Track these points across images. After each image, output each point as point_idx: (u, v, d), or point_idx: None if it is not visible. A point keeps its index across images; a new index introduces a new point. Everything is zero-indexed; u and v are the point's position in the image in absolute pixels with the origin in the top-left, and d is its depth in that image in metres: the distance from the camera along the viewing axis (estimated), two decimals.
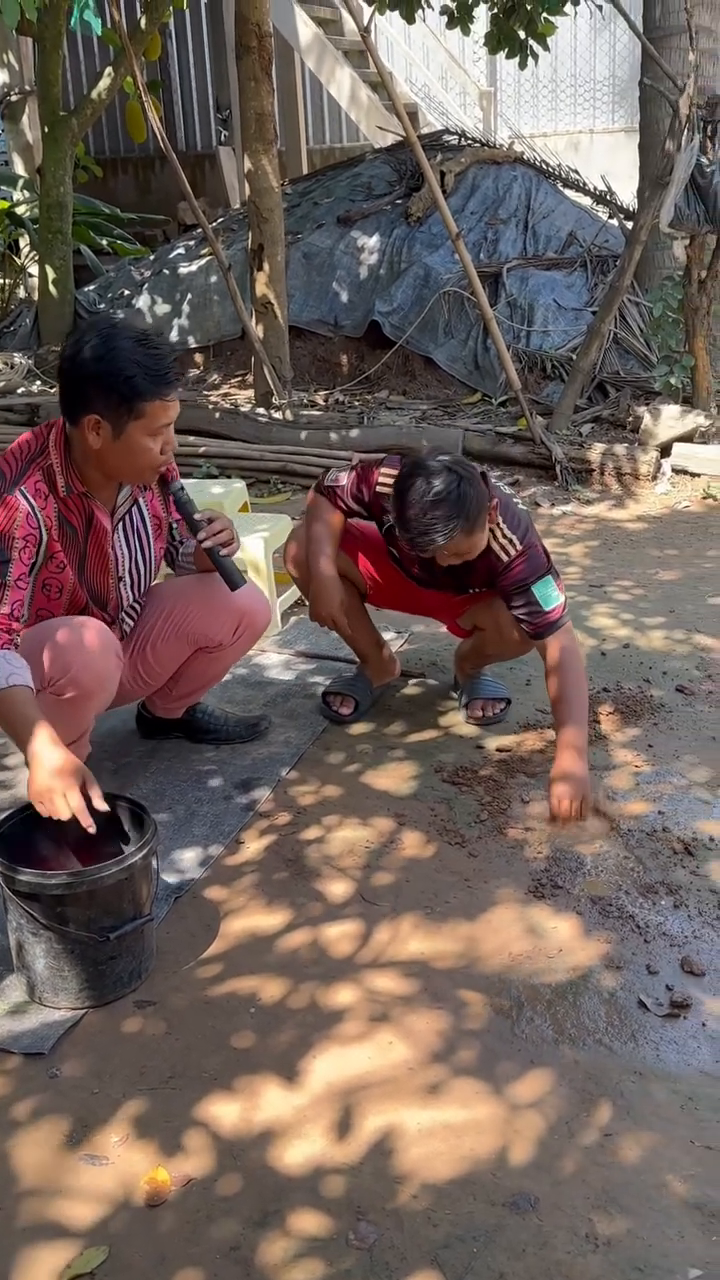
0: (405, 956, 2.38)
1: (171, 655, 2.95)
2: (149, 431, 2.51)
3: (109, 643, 2.61)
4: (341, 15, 11.55)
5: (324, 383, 7.57)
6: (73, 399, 2.51)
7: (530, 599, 2.90)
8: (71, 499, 2.59)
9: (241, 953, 2.42)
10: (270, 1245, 1.77)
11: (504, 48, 7.21)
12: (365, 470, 3.03)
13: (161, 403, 2.49)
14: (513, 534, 2.89)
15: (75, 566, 2.64)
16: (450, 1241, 1.77)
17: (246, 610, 2.92)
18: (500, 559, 2.90)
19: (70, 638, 2.54)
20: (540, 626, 2.91)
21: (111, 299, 8.40)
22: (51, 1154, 1.94)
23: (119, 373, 2.44)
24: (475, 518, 2.76)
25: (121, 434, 2.50)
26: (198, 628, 2.90)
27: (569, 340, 6.93)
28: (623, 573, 4.53)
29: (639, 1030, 2.18)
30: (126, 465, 2.57)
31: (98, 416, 2.48)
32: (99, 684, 2.60)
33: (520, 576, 2.90)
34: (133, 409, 2.47)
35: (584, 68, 13.13)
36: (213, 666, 3.05)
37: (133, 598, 2.82)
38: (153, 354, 2.48)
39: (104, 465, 2.57)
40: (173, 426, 2.58)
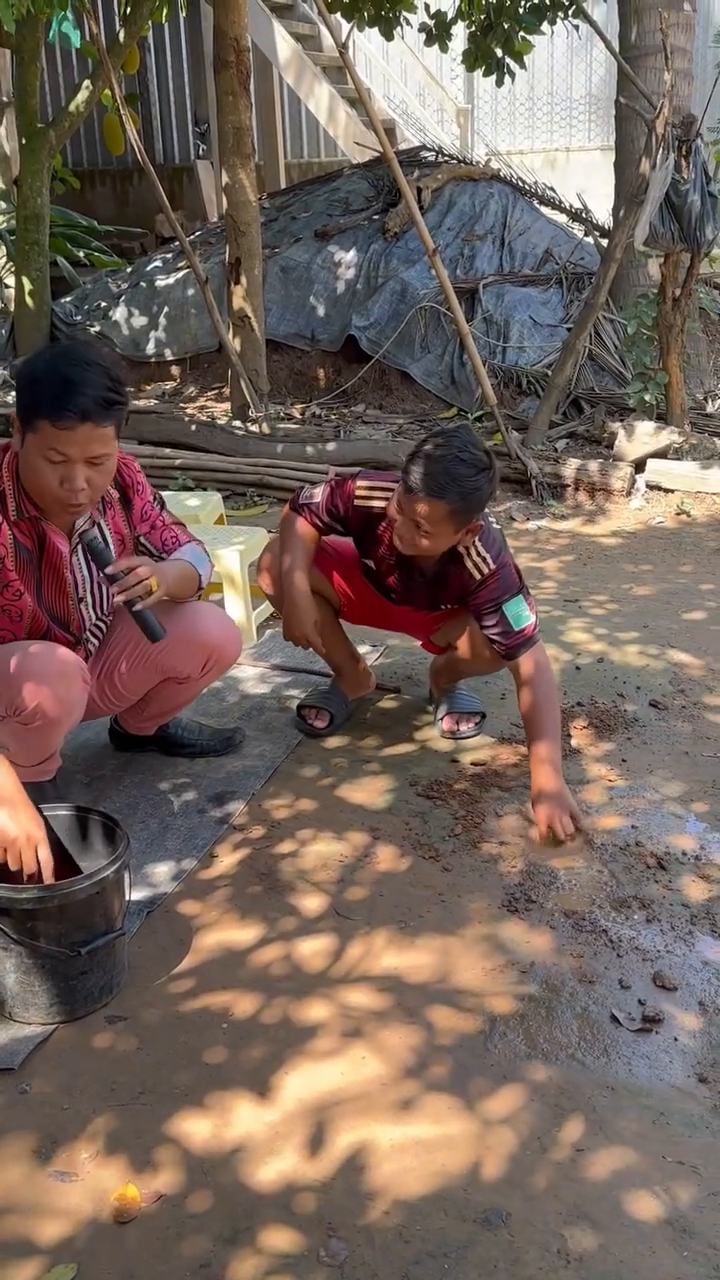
0: (379, 971, 2.38)
1: (139, 681, 2.92)
2: (40, 451, 2.40)
3: (75, 669, 2.56)
4: (320, 31, 11.61)
5: (301, 396, 7.58)
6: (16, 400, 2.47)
7: (502, 618, 2.90)
8: (24, 523, 2.54)
9: (214, 968, 2.40)
10: (241, 1262, 1.76)
11: (481, 65, 7.26)
12: (340, 484, 3.04)
13: (53, 426, 2.36)
14: (487, 553, 2.90)
15: (32, 591, 2.60)
16: (421, 1258, 1.76)
17: (216, 645, 2.87)
18: (473, 577, 2.91)
19: (35, 665, 2.50)
20: (512, 646, 2.91)
21: (88, 311, 8.39)
22: (20, 1170, 1.92)
23: (31, 380, 2.40)
24: (469, 510, 2.76)
25: (23, 442, 2.45)
26: (166, 660, 2.85)
27: (544, 356, 6.97)
28: (597, 588, 4.55)
29: (611, 1045, 2.18)
30: (30, 481, 2.47)
31: (20, 421, 2.44)
32: (65, 712, 2.56)
33: (492, 595, 2.90)
34: (29, 421, 2.40)
35: (561, 86, 13.24)
36: (181, 694, 3.02)
37: (96, 617, 2.77)
38: (71, 381, 2.35)
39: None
40: (79, 467, 2.41)
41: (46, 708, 2.51)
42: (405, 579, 3.08)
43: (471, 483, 2.73)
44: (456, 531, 2.81)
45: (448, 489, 2.71)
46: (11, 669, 2.48)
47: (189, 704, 3.14)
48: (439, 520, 2.75)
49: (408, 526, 2.80)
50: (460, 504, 2.73)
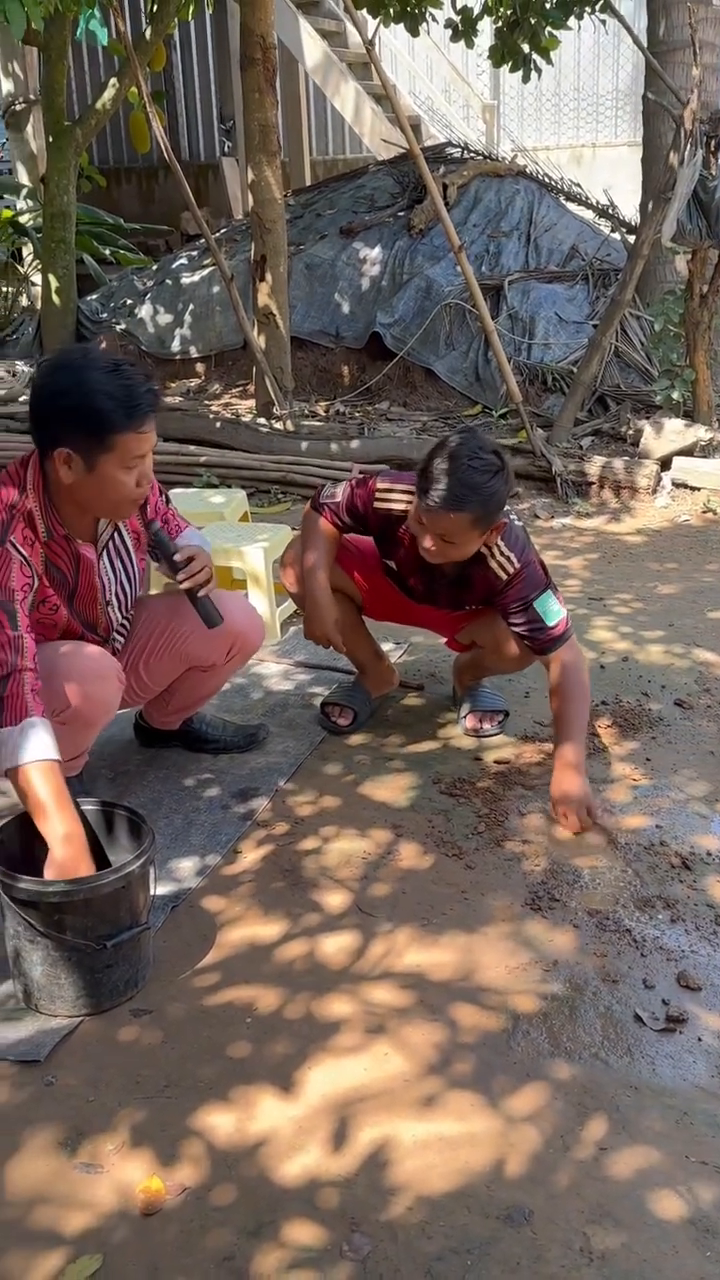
0: (402, 969, 2.39)
1: (164, 671, 2.95)
2: (122, 465, 2.44)
3: (111, 669, 2.62)
4: (346, 28, 11.60)
5: (325, 393, 7.58)
6: (43, 433, 2.45)
7: (532, 615, 2.90)
8: (54, 542, 2.56)
9: (238, 962, 2.42)
10: (264, 1256, 1.77)
11: (507, 61, 7.24)
12: (360, 483, 3.04)
13: (135, 435, 2.42)
14: (511, 552, 2.89)
15: (66, 603, 2.63)
16: (444, 1254, 1.77)
17: (240, 632, 2.90)
18: (499, 577, 2.90)
19: (73, 665, 2.55)
20: (545, 642, 2.91)
21: (114, 309, 8.42)
22: (46, 1161, 1.94)
23: (88, 405, 2.37)
24: (490, 514, 2.76)
25: (94, 468, 2.43)
26: (191, 649, 2.89)
27: (570, 353, 6.95)
28: (622, 586, 4.53)
29: (635, 1045, 2.18)
30: (100, 499, 2.50)
31: (68, 451, 2.41)
32: (102, 711, 2.63)
33: (520, 594, 2.90)
34: (104, 442, 2.40)
35: (587, 81, 13.19)
36: (206, 683, 3.05)
37: (121, 618, 2.81)
38: (125, 384, 2.39)
39: (78, 500, 2.51)
40: (149, 458, 2.50)
41: (83, 707, 2.55)
42: (427, 580, 3.08)
43: (488, 488, 2.72)
44: (481, 535, 2.81)
45: (466, 499, 2.70)
46: (50, 670, 2.51)
47: (213, 695, 3.16)
48: (463, 531, 2.75)
49: (434, 540, 2.80)
50: (481, 511, 2.73)
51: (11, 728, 2.30)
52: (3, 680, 2.34)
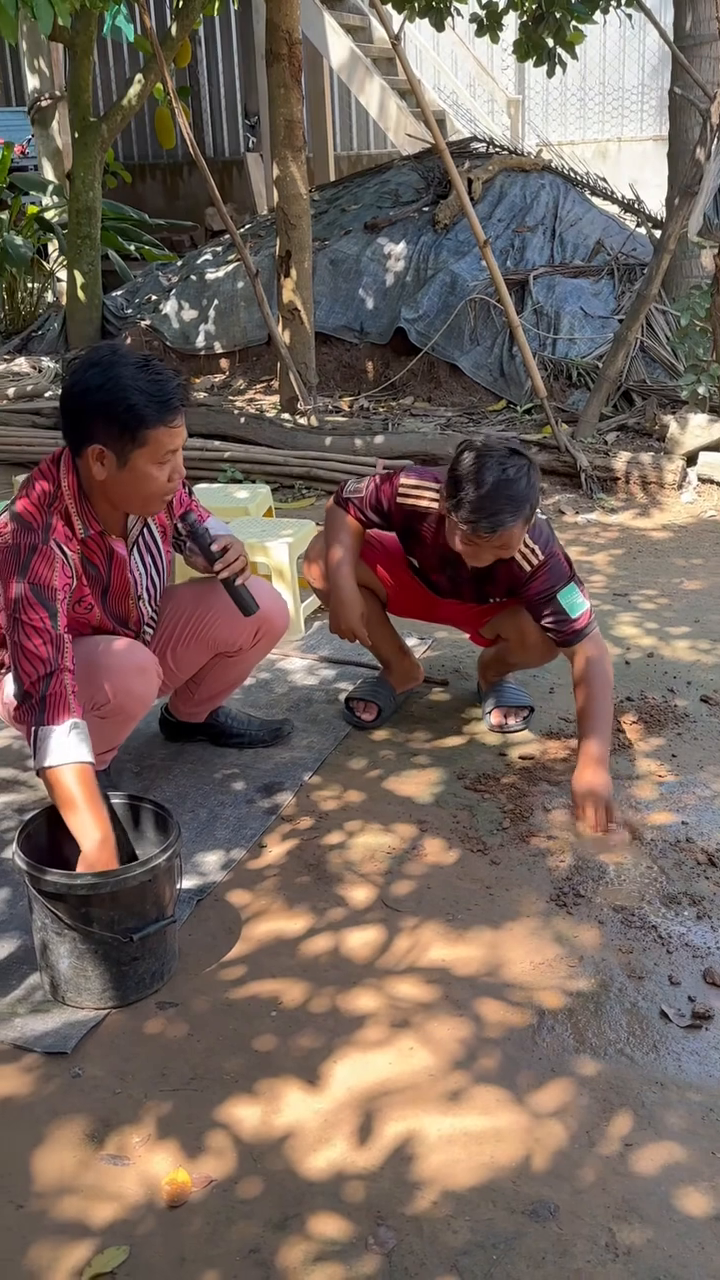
0: (426, 963, 2.39)
1: (191, 659, 2.97)
2: (155, 460, 2.47)
3: (151, 664, 2.66)
4: (371, 23, 11.59)
5: (349, 389, 7.58)
6: (75, 430, 2.47)
7: (556, 608, 2.90)
8: (90, 539, 2.59)
9: (263, 956, 2.42)
10: (290, 1248, 1.77)
11: (533, 56, 7.21)
12: (385, 480, 3.04)
13: (166, 429, 2.44)
14: (535, 544, 2.89)
15: (99, 601, 2.66)
16: (470, 1248, 1.77)
17: (266, 616, 2.92)
18: (523, 568, 2.90)
19: (114, 660, 2.58)
20: (568, 634, 2.91)
21: (139, 304, 8.44)
22: (74, 1153, 1.95)
23: (120, 401, 2.40)
24: (531, 513, 2.76)
25: (126, 463, 2.46)
26: (218, 633, 2.92)
27: (595, 348, 6.92)
28: (647, 582, 4.52)
29: (660, 1041, 2.17)
30: (133, 495, 2.53)
31: (101, 447, 2.44)
32: (142, 706, 2.67)
33: (545, 586, 2.90)
34: (136, 437, 2.42)
35: (613, 76, 13.13)
36: (232, 670, 3.07)
37: (151, 611, 2.84)
38: (155, 379, 2.43)
39: (110, 496, 2.54)
40: (180, 453, 2.52)
41: (124, 702, 2.59)
42: (451, 575, 3.08)
43: (524, 492, 2.71)
44: (523, 533, 2.80)
45: (509, 515, 2.69)
46: (89, 662, 2.54)
47: (240, 683, 3.17)
48: (511, 540, 2.75)
49: (489, 553, 2.79)
50: (527, 513, 2.73)
51: (52, 727, 2.32)
52: (46, 678, 2.36)
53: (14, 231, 9.09)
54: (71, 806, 2.28)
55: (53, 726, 2.32)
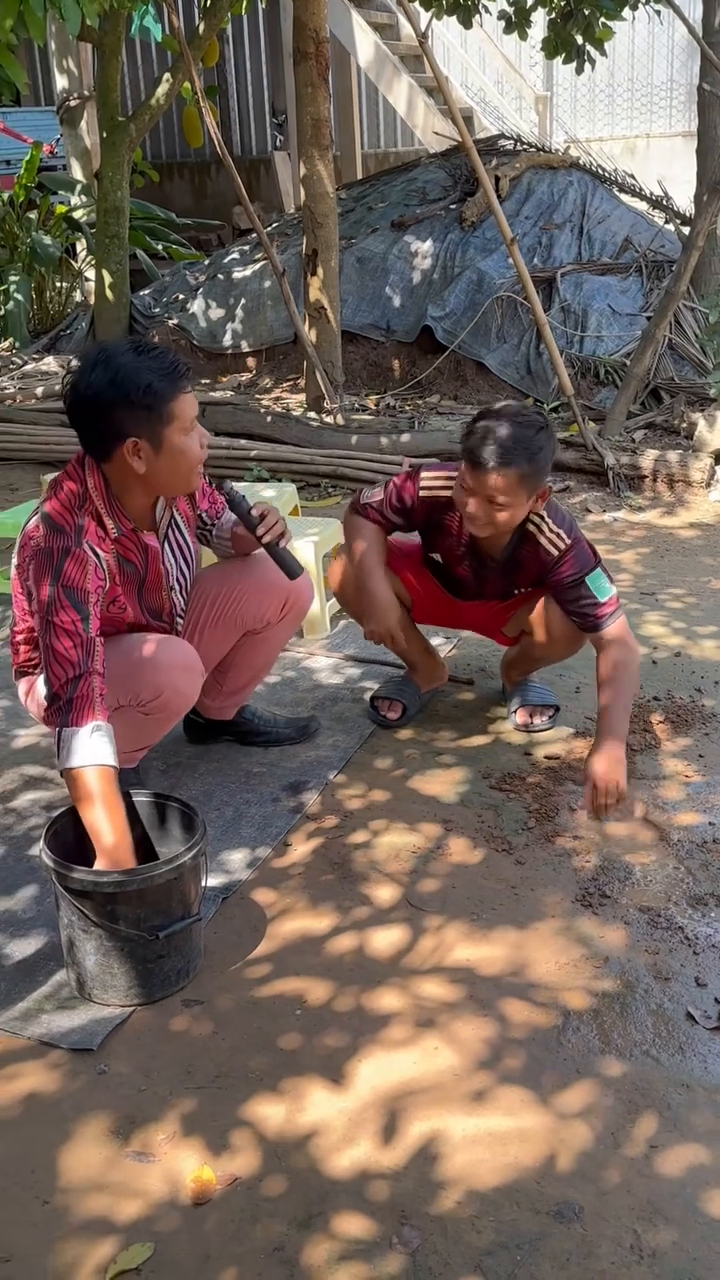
0: (451, 963, 2.39)
1: (220, 641, 3.00)
2: (184, 430, 2.53)
3: (195, 660, 2.69)
4: (398, 20, 11.57)
5: (375, 387, 7.58)
6: (102, 434, 2.50)
7: (584, 591, 2.92)
8: (124, 538, 2.62)
9: (288, 954, 2.43)
10: (314, 1247, 1.78)
11: (561, 52, 7.17)
12: (406, 478, 3.06)
13: (183, 396, 2.51)
14: (559, 528, 2.93)
15: (134, 598, 2.69)
16: (494, 1249, 1.77)
17: (292, 586, 2.95)
18: (550, 553, 2.92)
19: (160, 656, 2.62)
20: (596, 619, 2.92)
21: (166, 303, 8.46)
22: (99, 1150, 1.96)
23: (137, 386, 2.44)
24: (538, 472, 2.79)
25: (162, 445, 2.50)
26: (245, 610, 2.95)
27: (623, 346, 6.89)
28: (674, 581, 4.50)
29: (686, 1043, 2.16)
30: (175, 474, 2.57)
31: (135, 439, 2.48)
32: (186, 702, 2.72)
33: (573, 571, 2.92)
34: (163, 415, 2.48)
35: (641, 72, 13.06)
36: (260, 652, 3.07)
37: (182, 603, 2.87)
38: (156, 356, 2.50)
39: (151, 486, 2.58)
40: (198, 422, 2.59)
41: (170, 699, 2.63)
42: (476, 568, 3.08)
43: (535, 442, 2.77)
44: (529, 498, 2.83)
45: (515, 454, 2.74)
46: (136, 659, 2.59)
47: (266, 669, 3.18)
48: (512, 489, 2.77)
49: (481, 506, 2.82)
50: (529, 467, 2.76)
51: (77, 729, 2.34)
52: (74, 681, 2.38)
53: (43, 231, 9.14)
54: (90, 807, 2.30)
55: (77, 729, 2.33)
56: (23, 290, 8.79)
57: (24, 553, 2.55)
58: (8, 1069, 2.14)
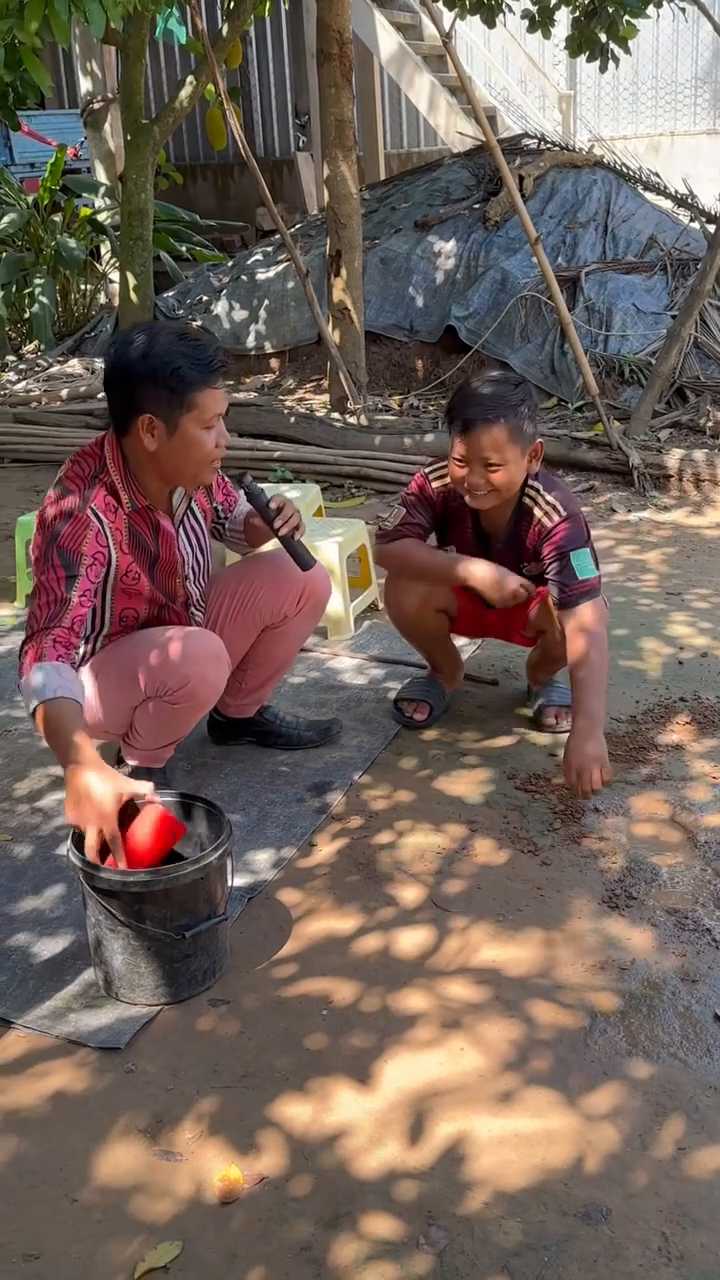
0: (477, 964, 2.38)
1: (239, 637, 3.01)
2: (202, 423, 2.55)
3: (223, 651, 2.70)
4: (421, 20, 11.56)
5: (399, 388, 7.57)
6: (123, 405, 2.55)
7: (566, 565, 2.95)
8: (136, 513, 2.65)
9: (314, 954, 2.43)
10: (341, 1247, 1.78)
11: (585, 51, 7.15)
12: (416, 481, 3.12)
13: (210, 390, 2.53)
14: (555, 501, 2.98)
15: (147, 574, 2.71)
16: (521, 1250, 1.76)
17: (309, 579, 2.97)
18: (544, 525, 2.98)
19: (188, 647, 2.63)
20: (571, 594, 2.94)
21: (190, 305, 8.49)
22: (127, 1148, 1.97)
23: (165, 366, 2.49)
24: (524, 426, 2.85)
25: (176, 430, 2.54)
26: (263, 603, 2.96)
27: (648, 345, 6.86)
28: (701, 581, 4.47)
29: (714, 1045, 2.15)
30: (184, 463, 2.60)
31: (150, 416, 2.52)
32: (213, 693, 2.73)
33: (559, 543, 2.96)
34: (184, 401, 2.51)
35: (665, 70, 13.00)
36: (280, 647, 3.08)
37: (199, 594, 2.90)
38: (196, 344, 2.53)
39: (161, 468, 2.61)
40: (223, 421, 2.61)
41: (196, 686, 2.64)
42: (485, 554, 3.13)
43: (515, 395, 2.85)
44: (523, 455, 2.89)
45: (496, 409, 2.82)
46: (163, 650, 2.61)
47: (287, 665, 3.17)
48: (502, 445, 2.83)
49: (477, 471, 2.87)
50: (515, 420, 2.83)
51: (26, 676, 2.36)
52: (35, 634, 2.41)
53: (67, 234, 9.17)
54: (50, 740, 2.31)
55: (26, 676, 2.36)
56: (47, 293, 8.83)
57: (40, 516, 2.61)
58: (36, 1067, 2.15)
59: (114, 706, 2.73)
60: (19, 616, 4.29)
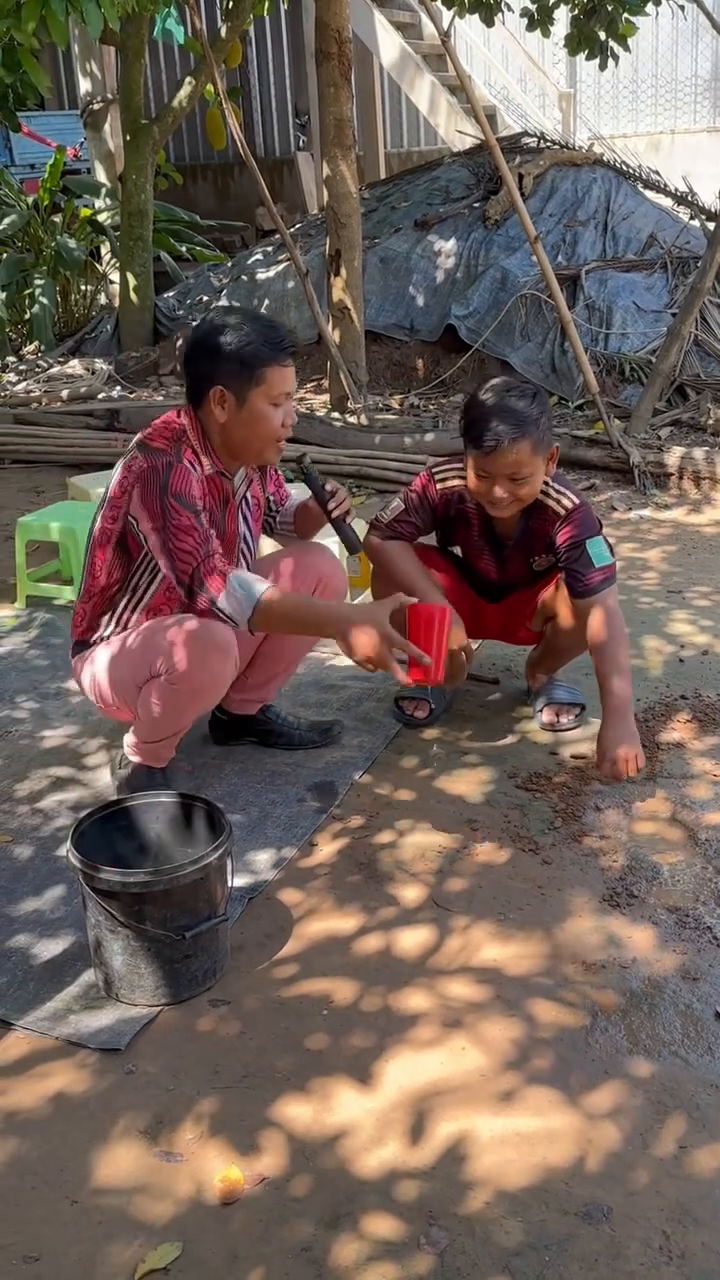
0: (478, 963, 2.38)
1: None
2: (270, 398, 2.67)
3: (232, 643, 2.70)
4: (420, 20, 11.56)
5: (399, 387, 7.58)
6: (197, 377, 2.69)
7: (584, 553, 2.96)
8: (211, 479, 2.76)
9: (314, 954, 2.43)
10: (342, 1247, 1.78)
11: (584, 49, 7.14)
12: (421, 480, 3.12)
13: (279, 368, 2.66)
14: (566, 491, 3.01)
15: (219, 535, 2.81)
16: (522, 1249, 1.76)
17: (324, 571, 3.05)
18: (557, 514, 3.00)
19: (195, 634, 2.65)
20: (592, 583, 2.96)
21: (191, 305, 8.49)
22: (127, 1149, 1.97)
23: (238, 341, 2.64)
24: (545, 435, 2.87)
25: (244, 403, 2.66)
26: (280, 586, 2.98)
27: (648, 343, 6.86)
28: (701, 579, 4.47)
29: (715, 1043, 2.15)
30: (251, 436, 2.71)
31: (222, 388, 2.65)
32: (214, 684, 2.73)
33: (575, 532, 2.98)
34: (253, 375, 2.64)
35: (665, 68, 12.98)
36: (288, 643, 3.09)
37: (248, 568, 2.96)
38: (269, 325, 2.71)
39: (230, 440, 2.73)
40: (292, 401, 2.72)
41: (195, 673, 2.66)
42: (496, 553, 3.14)
43: (536, 408, 2.86)
44: (543, 463, 2.91)
45: (522, 427, 2.82)
46: (175, 632, 2.66)
47: (295, 662, 3.20)
48: (528, 459, 2.85)
49: (504, 486, 2.88)
50: (538, 433, 2.85)
51: (217, 595, 2.58)
52: (197, 568, 2.59)
53: (67, 234, 9.18)
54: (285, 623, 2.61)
55: (218, 595, 2.57)
56: (48, 294, 8.84)
57: (125, 482, 2.70)
58: (37, 1069, 2.15)
59: (124, 686, 2.79)
60: (19, 617, 4.29)
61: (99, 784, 3.09)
